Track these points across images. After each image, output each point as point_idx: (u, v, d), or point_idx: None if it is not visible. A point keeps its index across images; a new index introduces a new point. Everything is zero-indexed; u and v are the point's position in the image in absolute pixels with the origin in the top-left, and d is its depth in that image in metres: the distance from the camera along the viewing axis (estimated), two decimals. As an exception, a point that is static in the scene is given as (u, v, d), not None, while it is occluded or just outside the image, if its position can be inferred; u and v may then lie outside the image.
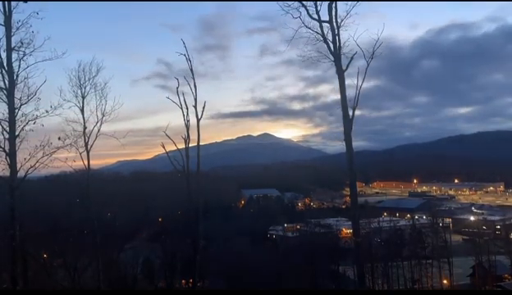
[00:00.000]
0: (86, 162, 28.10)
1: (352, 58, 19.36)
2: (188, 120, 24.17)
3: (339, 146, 20.08)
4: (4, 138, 18.31)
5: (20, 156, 18.56)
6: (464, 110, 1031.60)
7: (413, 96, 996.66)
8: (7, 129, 18.26)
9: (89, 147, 27.94)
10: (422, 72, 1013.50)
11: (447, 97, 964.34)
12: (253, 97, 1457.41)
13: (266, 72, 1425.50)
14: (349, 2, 19.19)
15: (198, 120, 24.17)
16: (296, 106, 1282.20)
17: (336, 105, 20.24)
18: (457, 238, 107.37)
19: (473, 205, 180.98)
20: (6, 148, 18.25)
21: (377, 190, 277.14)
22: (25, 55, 18.50)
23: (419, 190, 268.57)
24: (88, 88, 27.77)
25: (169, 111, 24.60)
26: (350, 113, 19.48)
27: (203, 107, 24.36)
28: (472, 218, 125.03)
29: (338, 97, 19.85)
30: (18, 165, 18.47)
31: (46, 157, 19.60)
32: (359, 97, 19.45)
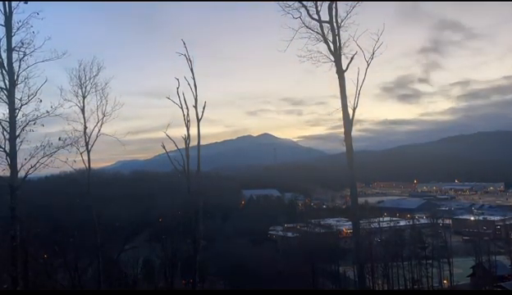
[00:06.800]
0: (87, 162, 28.18)
1: (352, 58, 19.33)
2: (188, 120, 24.21)
3: (339, 146, 20.09)
4: (4, 138, 18.28)
5: (20, 157, 18.53)
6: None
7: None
8: (8, 129, 18.25)
9: (89, 147, 27.98)
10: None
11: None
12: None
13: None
14: (350, 3, 19.18)
15: (199, 121, 24.21)
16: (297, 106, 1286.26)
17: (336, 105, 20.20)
18: (457, 238, 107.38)
19: (473, 205, 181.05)
20: (7, 149, 18.22)
21: (377, 190, 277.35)
22: (25, 55, 18.46)
23: (419, 190, 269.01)
24: (88, 88, 27.90)
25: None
26: (350, 113, 19.50)
27: (204, 107, 24.43)
28: (472, 218, 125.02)
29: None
30: (18, 166, 18.44)
31: (46, 157, 19.57)
32: (359, 97, 19.48)
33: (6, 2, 18.22)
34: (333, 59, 19.50)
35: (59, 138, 21.38)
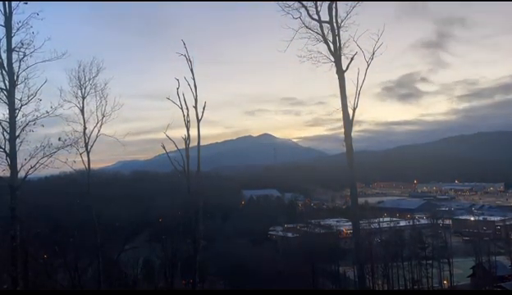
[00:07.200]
0: (86, 163, 28.17)
1: (352, 58, 19.33)
2: (188, 121, 24.22)
3: (339, 146, 20.10)
4: (4, 138, 18.30)
5: (20, 157, 18.55)
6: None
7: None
8: (8, 129, 18.26)
9: (89, 147, 27.98)
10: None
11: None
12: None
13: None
14: (350, 3, 19.19)
15: (199, 121, 24.21)
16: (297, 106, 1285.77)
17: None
18: (457, 238, 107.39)
19: (473, 205, 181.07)
20: (7, 149, 18.24)
21: (377, 190, 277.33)
22: (25, 55, 18.47)
23: (419, 190, 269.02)
24: (88, 89, 27.91)
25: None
26: (350, 113, 19.50)
27: (204, 108, 24.43)
28: (472, 218, 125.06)
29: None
30: (18, 166, 18.45)
31: (46, 158, 19.58)
32: (359, 97, 19.48)
33: (6, 3, 18.24)
34: (333, 59, 19.49)
35: (59, 139, 21.42)
